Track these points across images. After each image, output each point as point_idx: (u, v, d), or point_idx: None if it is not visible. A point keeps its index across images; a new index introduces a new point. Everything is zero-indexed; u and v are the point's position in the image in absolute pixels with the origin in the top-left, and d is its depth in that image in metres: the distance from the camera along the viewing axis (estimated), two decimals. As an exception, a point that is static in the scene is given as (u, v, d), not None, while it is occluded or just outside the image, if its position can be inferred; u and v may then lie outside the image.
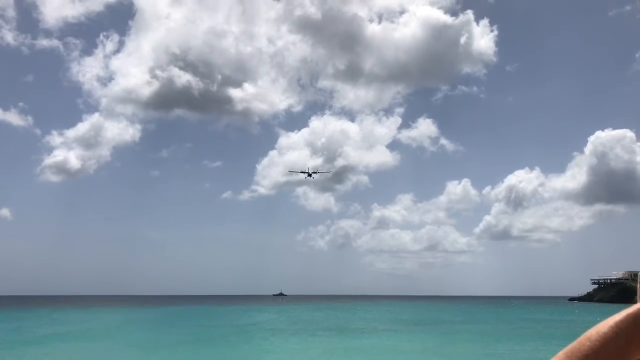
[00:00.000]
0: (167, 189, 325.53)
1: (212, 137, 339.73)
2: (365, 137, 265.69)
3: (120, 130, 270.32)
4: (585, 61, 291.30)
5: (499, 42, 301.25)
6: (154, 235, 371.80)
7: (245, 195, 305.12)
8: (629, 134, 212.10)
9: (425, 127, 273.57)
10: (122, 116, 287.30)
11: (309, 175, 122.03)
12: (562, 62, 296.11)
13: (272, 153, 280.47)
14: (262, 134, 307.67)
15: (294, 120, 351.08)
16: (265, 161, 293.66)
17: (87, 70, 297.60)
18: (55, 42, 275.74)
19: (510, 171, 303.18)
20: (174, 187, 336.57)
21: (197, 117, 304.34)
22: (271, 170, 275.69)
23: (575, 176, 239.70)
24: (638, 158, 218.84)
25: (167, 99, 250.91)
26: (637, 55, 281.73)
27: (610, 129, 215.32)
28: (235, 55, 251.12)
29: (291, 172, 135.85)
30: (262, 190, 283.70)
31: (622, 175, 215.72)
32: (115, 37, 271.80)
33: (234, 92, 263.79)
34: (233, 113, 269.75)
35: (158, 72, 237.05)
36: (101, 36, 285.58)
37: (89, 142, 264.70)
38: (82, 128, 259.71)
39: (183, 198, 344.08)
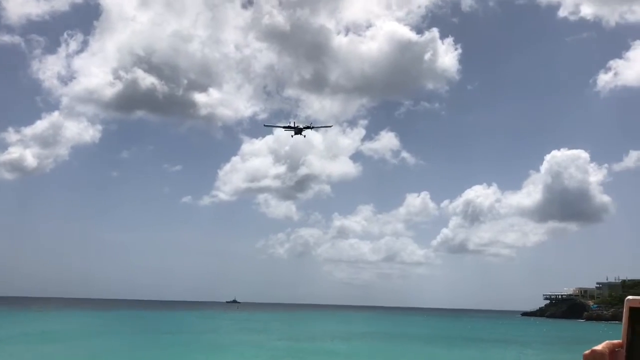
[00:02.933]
0: (126, 191, 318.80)
1: (174, 141, 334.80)
2: (329, 147, 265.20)
3: (80, 130, 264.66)
4: (543, 83, 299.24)
5: (462, 60, 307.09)
6: (111, 237, 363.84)
7: (206, 200, 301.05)
8: (583, 154, 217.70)
9: (387, 140, 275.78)
10: (82, 116, 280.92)
11: (298, 131, 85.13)
12: (522, 83, 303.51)
13: (235, 159, 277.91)
14: (225, 139, 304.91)
15: (259, 127, 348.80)
16: (227, 167, 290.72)
17: (48, 68, 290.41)
18: (17, 39, 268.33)
19: (469, 186, 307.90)
20: (133, 189, 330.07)
21: (159, 120, 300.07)
22: (233, 176, 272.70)
23: (530, 193, 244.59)
24: (591, 178, 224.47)
25: (130, 100, 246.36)
26: (590, 81, 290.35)
27: (566, 148, 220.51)
28: (202, 59, 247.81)
29: (267, 126, 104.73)
30: (222, 196, 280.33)
31: (576, 194, 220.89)
32: (80, 36, 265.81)
33: (199, 97, 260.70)
34: (197, 117, 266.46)
35: (122, 73, 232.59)
36: (65, 35, 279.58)
37: (46, 141, 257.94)
38: (40, 126, 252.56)
39: (142, 201, 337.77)
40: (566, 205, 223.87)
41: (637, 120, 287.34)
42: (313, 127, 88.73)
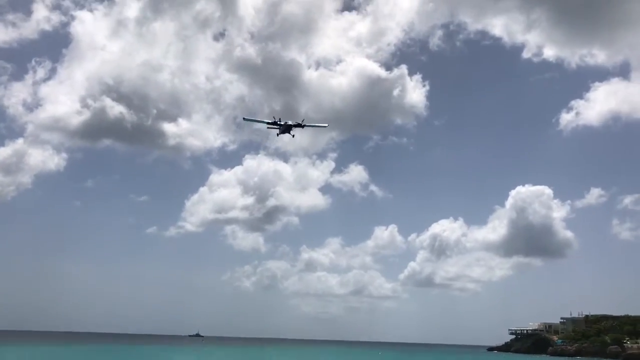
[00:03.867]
0: (89, 221, 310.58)
1: (141, 171, 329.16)
2: (298, 179, 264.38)
3: (44, 158, 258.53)
4: (509, 120, 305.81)
5: (430, 97, 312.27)
6: (72, 268, 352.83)
7: (172, 231, 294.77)
8: (547, 190, 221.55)
9: (356, 173, 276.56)
10: (47, 144, 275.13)
11: (286, 129, 74.83)
12: (488, 120, 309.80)
13: (203, 190, 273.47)
14: (193, 170, 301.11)
15: (228, 158, 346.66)
16: (194, 197, 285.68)
17: (13, 95, 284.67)
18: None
19: (435, 220, 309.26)
20: (97, 219, 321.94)
21: (127, 149, 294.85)
22: (200, 207, 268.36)
23: (496, 228, 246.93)
24: (554, 214, 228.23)
25: (97, 129, 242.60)
26: (553, 120, 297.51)
27: (530, 184, 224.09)
28: (172, 90, 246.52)
29: (247, 119, 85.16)
30: (189, 227, 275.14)
31: (540, 229, 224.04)
32: (48, 64, 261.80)
33: (168, 127, 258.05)
34: (165, 147, 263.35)
35: (90, 102, 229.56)
36: (33, 62, 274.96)
37: (9, 168, 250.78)
38: (2, 153, 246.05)
39: (106, 231, 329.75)
40: (531, 240, 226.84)
41: (598, 159, 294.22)
42: (305, 126, 77.05)
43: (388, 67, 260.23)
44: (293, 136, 78.51)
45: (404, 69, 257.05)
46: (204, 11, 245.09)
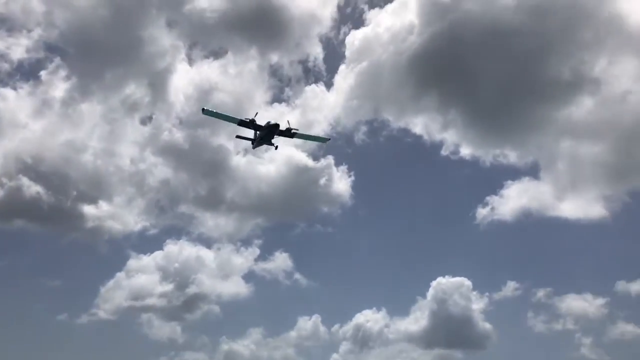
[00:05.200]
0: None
1: (55, 254, 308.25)
2: (221, 266, 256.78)
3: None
4: (429, 213, 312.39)
5: (355, 187, 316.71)
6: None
7: (84, 318, 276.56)
8: (466, 282, 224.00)
9: (281, 261, 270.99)
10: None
11: (265, 136, 61.05)
12: (410, 212, 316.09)
13: (119, 275, 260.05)
14: (110, 254, 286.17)
15: (148, 243, 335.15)
16: (110, 283, 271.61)
17: None
18: None
19: (359, 310, 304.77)
20: (3, 303, 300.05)
21: (41, 231, 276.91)
22: (115, 294, 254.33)
23: (418, 320, 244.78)
24: (474, 306, 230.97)
25: (11, 209, 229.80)
26: (470, 214, 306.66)
27: (450, 276, 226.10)
28: (94, 171, 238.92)
29: (207, 112, 57.88)
30: (102, 314, 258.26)
31: (459, 321, 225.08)
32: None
33: (87, 209, 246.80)
34: (82, 230, 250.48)
35: (4, 180, 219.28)
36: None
37: None
38: None
39: (12, 317, 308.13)
40: (451, 331, 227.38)
41: (513, 252, 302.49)
42: (295, 135, 59.74)
43: (315, 157, 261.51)
44: (276, 148, 60.76)
45: (330, 159, 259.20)
46: (134, 95, 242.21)
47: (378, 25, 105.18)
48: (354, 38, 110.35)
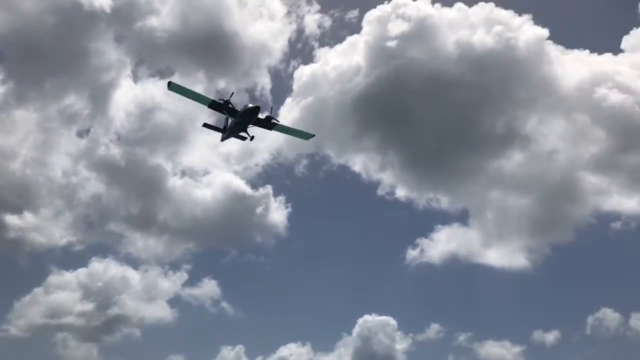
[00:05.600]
0: None
1: None
2: (147, 289, 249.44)
3: None
4: (362, 251, 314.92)
5: (291, 219, 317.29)
6: None
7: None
8: (392, 321, 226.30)
9: (209, 288, 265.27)
10: None
11: (238, 124, 51.65)
12: (343, 248, 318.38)
13: (37, 291, 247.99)
14: (30, 268, 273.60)
15: (72, 259, 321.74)
16: (26, 299, 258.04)
17: None
18: None
19: (284, 343, 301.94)
20: None
21: None
22: (31, 310, 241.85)
23: (341, 356, 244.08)
24: (397, 345, 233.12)
25: None
26: (400, 255, 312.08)
27: (377, 314, 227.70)
28: (22, 179, 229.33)
29: (174, 88, 47.78)
30: (14, 331, 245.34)
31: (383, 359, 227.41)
32: None
33: (10, 219, 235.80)
34: (2, 241, 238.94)
35: None
36: None
37: None
38: None
39: None
40: None
41: (438, 296, 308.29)
42: (276, 125, 51.42)
43: (254, 186, 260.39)
44: (252, 138, 51.77)
45: (269, 189, 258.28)
46: (73, 106, 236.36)
47: (326, 63, 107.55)
48: (302, 73, 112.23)
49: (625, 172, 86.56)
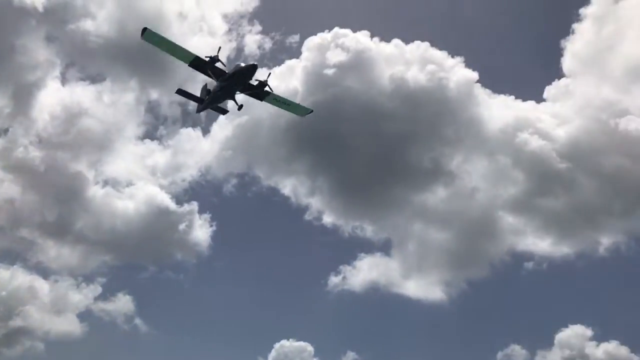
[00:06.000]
0: None
1: None
2: (55, 301, 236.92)
3: None
4: (285, 275, 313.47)
5: (215, 238, 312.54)
6: None
7: None
8: (309, 347, 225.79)
9: (123, 303, 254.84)
10: None
11: (225, 87, 44.11)
12: (265, 271, 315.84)
13: None
14: None
15: None
16: None
17: None
18: None
19: None
20: None
21: None
22: None
23: None
24: None
25: None
26: (322, 281, 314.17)
27: (294, 339, 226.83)
28: None
29: (149, 36, 40.43)
30: None
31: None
32: None
33: None
34: None
35: None
36: None
37: None
38: None
39: None
40: None
41: (357, 324, 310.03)
42: (268, 96, 44.58)
43: (179, 201, 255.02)
44: (240, 107, 44.36)
45: (194, 205, 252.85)
46: None
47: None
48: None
49: (540, 215, 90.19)
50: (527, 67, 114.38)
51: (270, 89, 44.16)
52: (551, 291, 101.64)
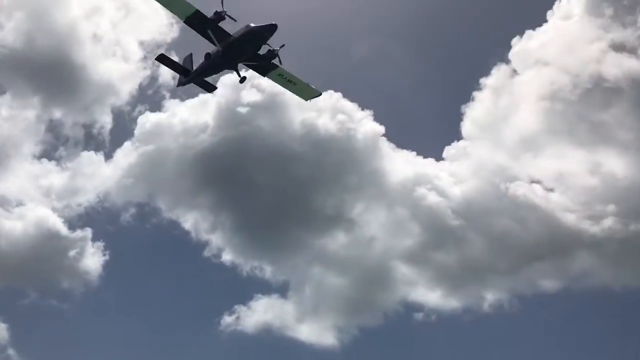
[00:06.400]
0: None
1: None
2: None
3: None
4: (179, 314, 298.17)
5: (107, 268, 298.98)
6: None
7: None
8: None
9: None
10: None
11: (227, 53, 37.45)
12: (160, 308, 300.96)
13: None
14: None
15: None
16: None
17: None
18: None
19: None
20: None
21: None
22: None
23: None
24: None
25: None
26: (216, 320, 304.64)
27: None
28: None
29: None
30: None
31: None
32: None
33: None
34: None
35: None
36: None
37: None
38: None
39: None
40: None
41: None
42: (274, 72, 39.08)
43: (71, 226, 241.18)
44: (242, 80, 38.96)
45: (88, 232, 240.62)
46: None
47: (174, 115, 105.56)
48: (147, 119, 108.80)
49: (432, 268, 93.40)
50: (430, 126, 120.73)
51: (280, 61, 37.60)
52: (439, 343, 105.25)
